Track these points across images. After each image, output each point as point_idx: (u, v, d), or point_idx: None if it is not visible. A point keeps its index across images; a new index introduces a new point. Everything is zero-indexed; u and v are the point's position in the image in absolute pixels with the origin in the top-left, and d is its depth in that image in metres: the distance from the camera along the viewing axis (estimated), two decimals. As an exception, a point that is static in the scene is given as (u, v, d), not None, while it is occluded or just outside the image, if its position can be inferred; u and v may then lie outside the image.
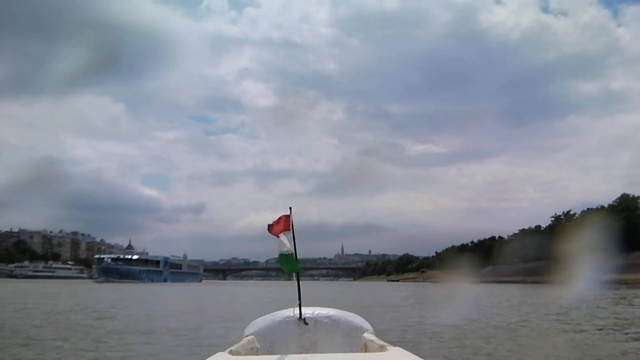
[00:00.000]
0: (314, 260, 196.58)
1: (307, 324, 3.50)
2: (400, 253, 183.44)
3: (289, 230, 3.53)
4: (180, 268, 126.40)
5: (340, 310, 3.73)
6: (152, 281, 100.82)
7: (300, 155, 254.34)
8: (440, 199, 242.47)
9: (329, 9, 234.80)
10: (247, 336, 3.38)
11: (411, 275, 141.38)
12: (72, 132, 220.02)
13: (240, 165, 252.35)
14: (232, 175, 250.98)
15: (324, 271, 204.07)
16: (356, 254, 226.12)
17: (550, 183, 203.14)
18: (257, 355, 3.16)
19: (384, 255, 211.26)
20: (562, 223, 70.87)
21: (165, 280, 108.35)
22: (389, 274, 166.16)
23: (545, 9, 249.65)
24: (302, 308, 3.57)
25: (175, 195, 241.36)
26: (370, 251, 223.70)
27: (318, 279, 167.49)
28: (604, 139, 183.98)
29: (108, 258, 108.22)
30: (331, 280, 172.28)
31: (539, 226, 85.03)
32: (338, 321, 3.55)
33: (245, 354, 2.98)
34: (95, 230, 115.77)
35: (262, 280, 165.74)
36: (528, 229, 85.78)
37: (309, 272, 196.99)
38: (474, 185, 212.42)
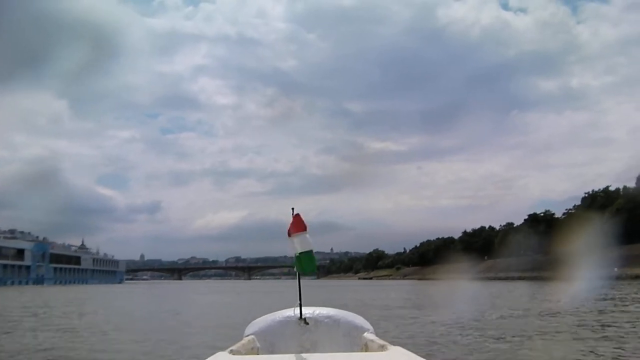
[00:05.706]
0: (274, 259, 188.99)
1: (307, 323, 3.43)
2: (362, 251, 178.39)
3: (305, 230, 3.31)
4: (78, 263, 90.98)
5: (340, 310, 3.70)
6: (5, 284, 68.44)
7: (259, 155, 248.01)
8: (400, 197, 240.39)
9: (285, 3, 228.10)
10: (247, 336, 3.36)
11: (384, 272, 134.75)
12: (20, 130, 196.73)
13: (198, 164, 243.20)
14: (189, 175, 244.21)
15: (286, 269, 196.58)
16: (317, 252, 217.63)
17: (510, 180, 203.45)
18: (258, 354, 3.16)
19: (347, 252, 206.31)
20: (597, 202, 63.47)
21: (38, 282, 75.26)
22: (356, 272, 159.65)
23: (505, 6, 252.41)
24: (303, 308, 3.49)
25: (132, 195, 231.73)
26: (332, 249, 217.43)
27: (280, 278, 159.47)
28: (560, 135, 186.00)
29: None
30: (291, 279, 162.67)
31: (549, 211, 76.75)
32: (338, 321, 3.52)
33: (246, 354, 2.97)
34: (48, 232, 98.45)
35: (222, 280, 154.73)
36: (545, 213, 74.97)
37: (270, 270, 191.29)
38: (433, 183, 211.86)
